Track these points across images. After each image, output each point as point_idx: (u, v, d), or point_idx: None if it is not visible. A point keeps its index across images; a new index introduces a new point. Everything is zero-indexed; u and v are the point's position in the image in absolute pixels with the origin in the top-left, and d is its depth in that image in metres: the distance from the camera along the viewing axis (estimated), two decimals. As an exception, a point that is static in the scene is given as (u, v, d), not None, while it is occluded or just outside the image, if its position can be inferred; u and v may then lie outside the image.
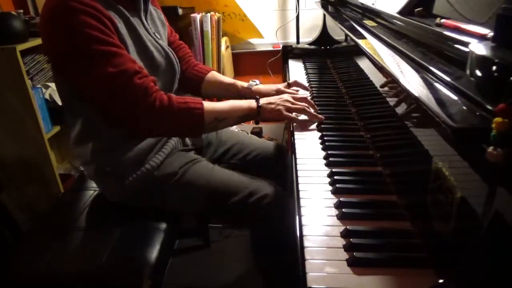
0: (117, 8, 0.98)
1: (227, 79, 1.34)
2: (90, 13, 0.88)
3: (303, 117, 1.12)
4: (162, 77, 1.09)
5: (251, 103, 1.07)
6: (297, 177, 0.86)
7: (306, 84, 1.37)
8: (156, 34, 1.11)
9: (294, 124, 1.11)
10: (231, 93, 1.30)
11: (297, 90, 1.28)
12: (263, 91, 1.26)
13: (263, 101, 1.07)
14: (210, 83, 1.31)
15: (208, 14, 2.11)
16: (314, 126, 1.11)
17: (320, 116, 1.11)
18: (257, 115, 1.06)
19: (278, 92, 1.25)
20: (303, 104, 1.10)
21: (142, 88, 0.93)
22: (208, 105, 1.01)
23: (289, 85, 1.30)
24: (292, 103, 1.08)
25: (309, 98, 1.16)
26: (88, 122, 1.03)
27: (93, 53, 0.89)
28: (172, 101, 0.97)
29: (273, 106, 1.07)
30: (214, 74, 1.33)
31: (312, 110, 1.11)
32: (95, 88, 0.93)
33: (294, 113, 1.10)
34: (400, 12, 0.93)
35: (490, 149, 0.38)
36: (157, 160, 1.07)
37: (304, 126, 1.11)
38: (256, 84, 1.29)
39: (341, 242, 0.66)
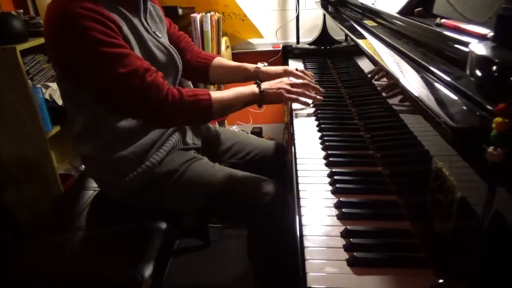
0: (119, 10, 1.00)
1: (233, 62, 1.37)
2: (95, 18, 0.90)
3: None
4: (165, 74, 1.11)
5: (254, 88, 1.11)
6: (297, 177, 0.86)
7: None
8: (157, 33, 1.12)
9: (294, 104, 1.20)
10: (238, 75, 1.35)
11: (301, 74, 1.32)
12: (271, 72, 1.32)
13: (264, 85, 1.12)
14: (217, 69, 1.34)
15: (208, 14, 2.11)
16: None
17: (318, 97, 1.19)
18: (260, 99, 1.11)
19: (286, 72, 1.31)
20: (301, 87, 1.18)
21: (154, 85, 0.97)
22: (215, 94, 1.05)
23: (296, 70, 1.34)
24: (292, 86, 1.15)
25: (312, 81, 1.25)
26: (90, 120, 1.04)
27: (102, 55, 0.91)
28: (183, 94, 1.01)
29: (274, 89, 1.12)
30: (220, 60, 1.36)
31: (310, 93, 1.18)
32: (109, 90, 0.96)
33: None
34: (400, 12, 0.93)
35: (490, 149, 0.38)
36: (157, 157, 1.08)
37: (304, 104, 1.20)
38: (265, 66, 1.33)
39: (341, 242, 0.66)
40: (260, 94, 1.10)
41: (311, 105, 1.23)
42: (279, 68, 1.33)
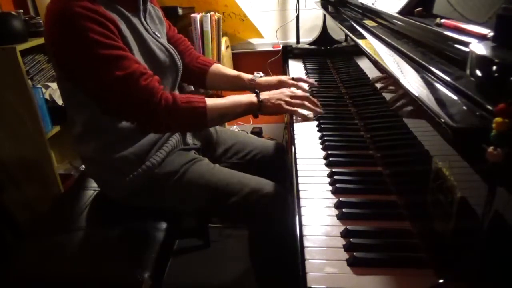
0: (118, 9, 0.99)
1: (231, 71, 1.37)
2: (93, 18, 0.90)
3: (302, 110, 1.15)
4: (166, 75, 1.11)
5: (252, 98, 1.09)
6: (297, 177, 0.86)
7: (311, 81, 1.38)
8: (156, 33, 1.12)
9: (294, 117, 1.15)
10: (236, 85, 1.34)
11: (299, 85, 1.30)
12: (264, 83, 1.30)
13: (263, 96, 1.10)
14: (215, 76, 1.34)
15: (208, 14, 2.11)
16: (314, 116, 1.15)
17: (318, 109, 1.14)
18: (258, 109, 1.09)
19: (280, 82, 1.29)
20: (302, 99, 1.13)
21: (148, 89, 0.96)
22: (210, 102, 1.04)
23: (293, 79, 1.32)
24: (292, 97, 1.12)
25: (309, 95, 1.19)
26: (90, 120, 1.04)
27: (99, 57, 0.91)
28: (177, 100, 0.99)
29: (273, 100, 1.10)
30: (218, 67, 1.36)
31: (310, 105, 1.14)
32: (106, 91, 0.95)
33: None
34: (400, 12, 0.93)
35: (490, 149, 0.38)
36: (158, 158, 1.08)
37: (304, 118, 1.14)
38: (261, 77, 1.33)
39: (341, 242, 0.66)
40: (258, 105, 1.08)
41: (313, 118, 1.14)
42: (273, 79, 1.32)
